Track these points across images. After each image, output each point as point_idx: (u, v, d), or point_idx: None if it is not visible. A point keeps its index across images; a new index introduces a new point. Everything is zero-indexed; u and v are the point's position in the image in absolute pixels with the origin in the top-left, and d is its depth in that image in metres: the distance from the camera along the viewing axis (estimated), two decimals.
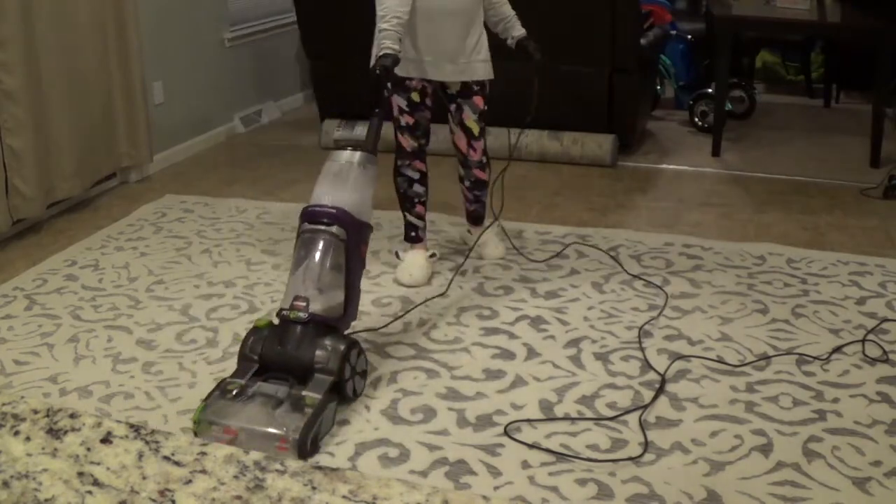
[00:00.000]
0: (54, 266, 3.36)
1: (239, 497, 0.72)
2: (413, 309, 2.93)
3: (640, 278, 3.13)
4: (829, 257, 3.30)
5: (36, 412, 0.84)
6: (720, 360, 2.58)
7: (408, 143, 3.12)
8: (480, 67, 3.02)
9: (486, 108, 3.10)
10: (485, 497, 0.70)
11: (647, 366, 2.56)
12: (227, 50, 5.16)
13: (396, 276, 3.16)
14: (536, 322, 2.84)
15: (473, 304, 2.98)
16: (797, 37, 5.82)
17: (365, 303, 2.99)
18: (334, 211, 2.42)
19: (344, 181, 2.48)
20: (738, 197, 4.02)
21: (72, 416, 0.83)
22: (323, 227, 2.41)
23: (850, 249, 3.39)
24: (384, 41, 2.73)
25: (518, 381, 2.49)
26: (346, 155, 2.52)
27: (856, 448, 2.16)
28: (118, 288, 3.17)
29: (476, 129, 3.10)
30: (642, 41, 4.51)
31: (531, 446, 2.19)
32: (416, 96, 3.04)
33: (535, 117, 3.18)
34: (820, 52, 6.05)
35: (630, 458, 2.13)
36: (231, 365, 2.60)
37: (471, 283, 3.13)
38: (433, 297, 3.00)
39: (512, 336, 2.75)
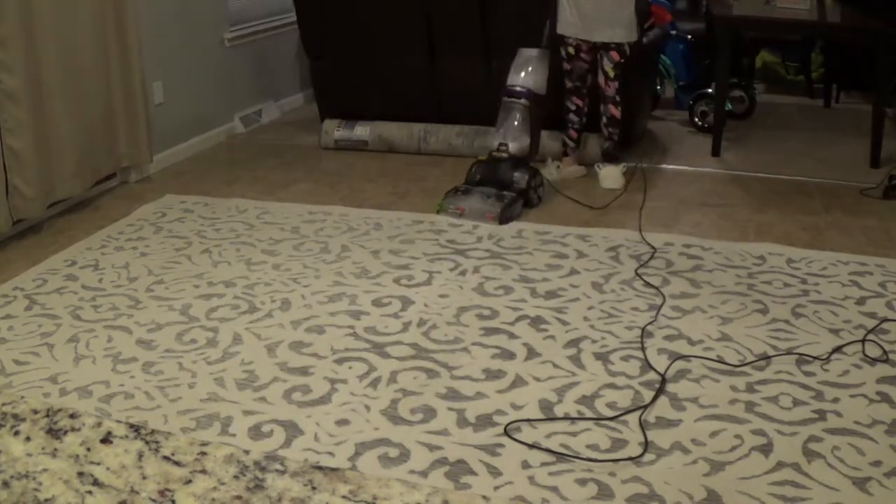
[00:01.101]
0: (54, 266, 3.36)
1: (239, 497, 0.72)
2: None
3: (641, 278, 3.14)
4: (829, 257, 3.30)
5: (36, 412, 0.84)
6: (720, 360, 2.58)
7: (567, 83, 4.18)
8: (616, 33, 3.98)
9: (622, 61, 4.02)
10: (485, 497, 0.70)
11: (647, 366, 2.56)
12: (227, 50, 5.16)
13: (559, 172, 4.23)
14: (536, 322, 2.84)
15: (473, 304, 2.98)
16: (797, 37, 5.82)
17: (365, 303, 3.00)
18: (521, 88, 3.91)
19: (527, 68, 3.92)
20: (738, 197, 4.02)
21: (72, 416, 0.83)
22: (515, 100, 3.91)
23: (850, 249, 3.39)
24: None
25: (518, 381, 2.50)
26: (529, 51, 3.95)
27: (856, 448, 2.16)
28: (118, 288, 3.17)
29: (612, 73, 4.04)
30: (642, 41, 4.50)
31: (531, 446, 2.19)
32: (571, 50, 4.09)
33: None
34: (820, 52, 6.05)
35: (630, 458, 2.13)
36: (231, 364, 2.61)
37: (471, 283, 3.13)
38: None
39: (512, 336, 2.76)
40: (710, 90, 4.99)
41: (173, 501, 0.62)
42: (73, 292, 3.13)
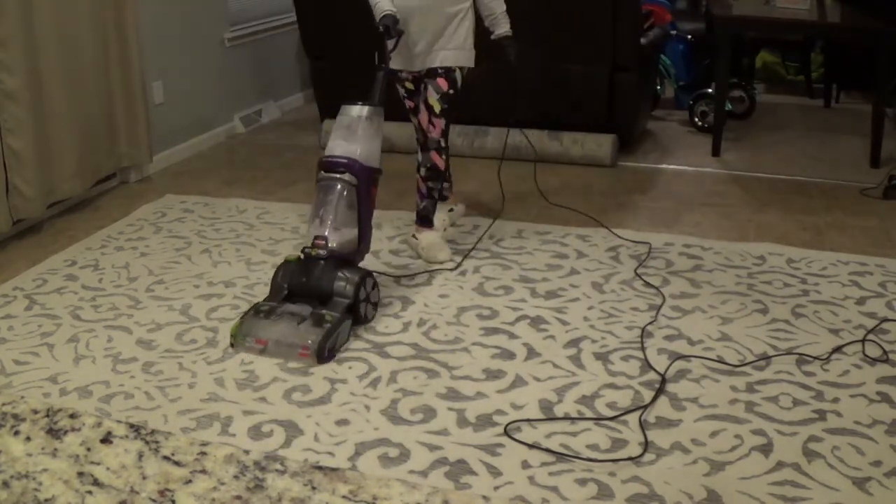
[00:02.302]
0: (54, 266, 3.36)
1: (239, 497, 0.72)
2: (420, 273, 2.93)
3: (640, 278, 3.14)
4: (829, 257, 3.30)
5: (36, 412, 0.84)
6: (720, 360, 2.58)
7: (414, 123, 3.44)
8: (442, 55, 3.23)
9: (451, 91, 3.24)
10: (485, 497, 0.70)
11: (647, 366, 2.56)
12: (227, 50, 5.16)
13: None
14: (536, 322, 2.84)
15: (473, 304, 2.98)
16: (797, 37, 5.82)
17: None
18: (346, 160, 2.84)
19: (353, 133, 2.89)
20: (738, 197, 4.02)
21: (72, 416, 0.83)
22: (337, 176, 2.84)
23: (850, 249, 3.39)
24: (381, 5, 3.10)
25: (518, 381, 2.49)
26: (355, 109, 2.94)
27: (856, 448, 2.16)
28: (118, 288, 3.17)
29: (438, 108, 3.25)
30: (642, 41, 4.51)
31: (531, 446, 2.19)
32: (409, 85, 3.37)
33: (520, 119, 3.57)
34: (820, 52, 6.05)
35: (630, 458, 2.13)
36: (231, 365, 2.61)
37: (471, 283, 3.13)
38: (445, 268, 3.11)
39: (512, 336, 2.75)
40: (710, 90, 4.99)
41: (173, 501, 0.61)
42: (73, 292, 3.13)
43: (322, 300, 2.73)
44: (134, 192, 4.27)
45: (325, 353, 2.60)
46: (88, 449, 0.66)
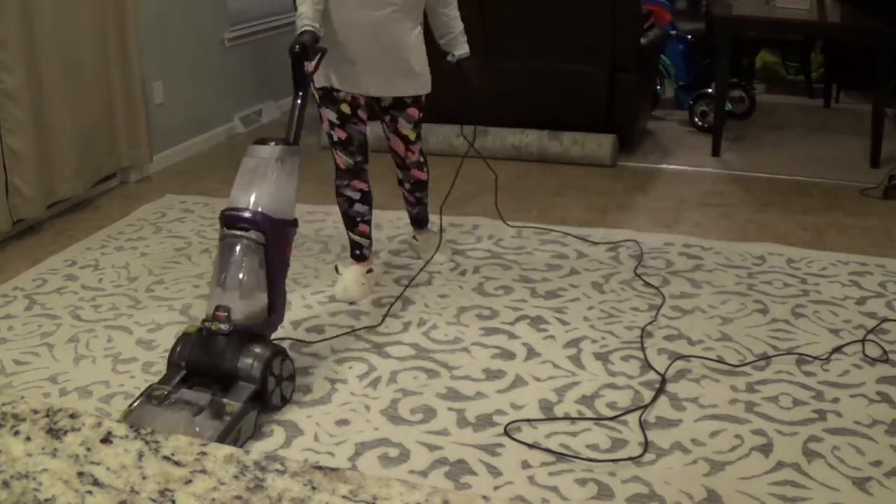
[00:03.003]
0: (54, 266, 3.36)
1: (239, 497, 0.72)
2: (340, 335, 2.75)
3: (640, 278, 3.13)
4: (829, 257, 3.30)
5: (36, 412, 0.84)
6: (720, 360, 2.58)
7: (342, 160, 2.93)
8: (410, 84, 2.87)
9: (422, 115, 2.99)
10: (485, 497, 0.70)
11: (647, 366, 2.56)
12: (227, 50, 5.16)
13: (335, 289, 3.05)
14: (536, 322, 2.84)
15: (473, 304, 2.98)
16: (797, 37, 5.82)
17: (366, 304, 2.99)
18: (250, 215, 2.34)
19: (261, 179, 2.40)
20: (738, 197, 4.02)
21: (72, 416, 0.83)
22: (240, 233, 2.32)
23: (850, 249, 3.39)
24: (302, 20, 2.63)
25: (518, 381, 2.49)
26: (264, 150, 2.45)
27: (856, 448, 2.16)
28: (118, 288, 3.17)
29: (412, 135, 3.00)
30: (642, 41, 4.51)
31: (531, 446, 2.19)
32: (345, 108, 2.87)
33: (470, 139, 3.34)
34: (820, 52, 6.05)
35: (630, 458, 2.13)
36: None
37: (471, 283, 3.13)
38: (368, 327, 2.80)
39: (512, 336, 2.75)
40: (710, 90, 4.99)
41: (173, 501, 0.62)
42: (73, 292, 3.13)
43: (224, 384, 2.26)
44: (134, 192, 4.27)
45: None
46: (88, 449, 0.66)
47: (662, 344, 2.69)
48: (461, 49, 2.98)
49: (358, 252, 3.09)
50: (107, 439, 0.81)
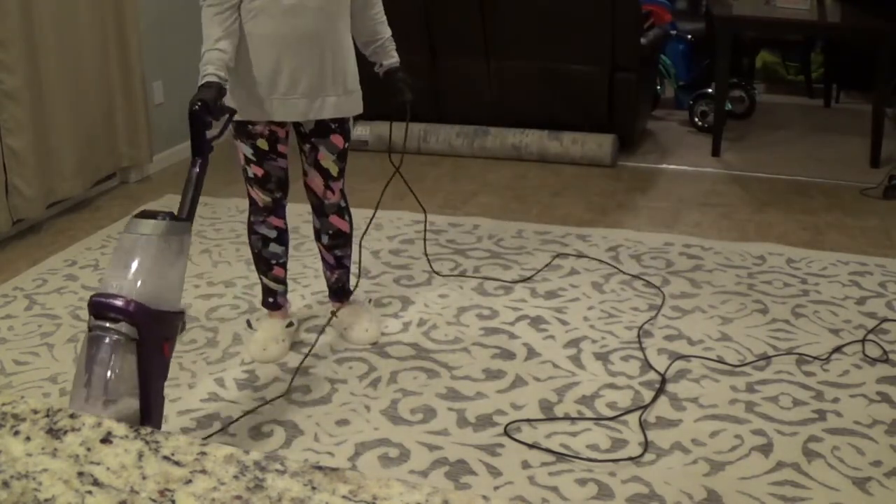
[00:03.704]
0: (54, 266, 3.36)
1: (239, 497, 0.72)
2: (232, 423, 2.33)
3: (640, 278, 3.14)
4: (829, 257, 3.30)
5: (36, 412, 0.84)
6: (720, 360, 2.58)
7: (259, 196, 2.63)
8: (341, 102, 2.50)
9: (347, 146, 2.59)
10: (485, 497, 0.70)
11: (647, 366, 2.56)
12: None
13: (249, 349, 2.67)
14: (536, 322, 2.84)
15: (473, 304, 2.98)
16: (797, 37, 5.82)
17: (365, 303, 2.99)
18: (122, 304, 1.87)
19: (140, 260, 1.94)
20: (738, 197, 4.02)
21: (72, 416, 0.83)
22: (109, 325, 1.87)
23: (850, 249, 3.39)
24: (205, 67, 2.34)
25: (518, 381, 2.49)
26: (146, 225, 1.98)
27: (856, 448, 2.16)
28: None
29: (335, 170, 2.59)
30: (642, 41, 4.51)
31: (531, 446, 2.19)
32: (262, 144, 2.54)
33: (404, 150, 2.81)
34: (820, 52, 6.05)
35: (630, 458, 2.13)
36: (231, 365, 2.61)
37: (471, 283, 3.13)
38: (275, 398, 2.42)
39: (512, 336, 2.75)
40: (710, 90, 4.99)
41: (173, 501, 0.62)
42: (73, 292, 3.13)
43: None
44: (134, 192, 4.26)
45: None
46: (88, 449, 0.66)
47: (662, 344, 2.69)
48: (391, 58, 2.65)
49: (272, 300, 2.73)
50: (107, 439, 0.80)
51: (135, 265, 1.93)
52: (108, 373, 1.86)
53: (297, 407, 2.38)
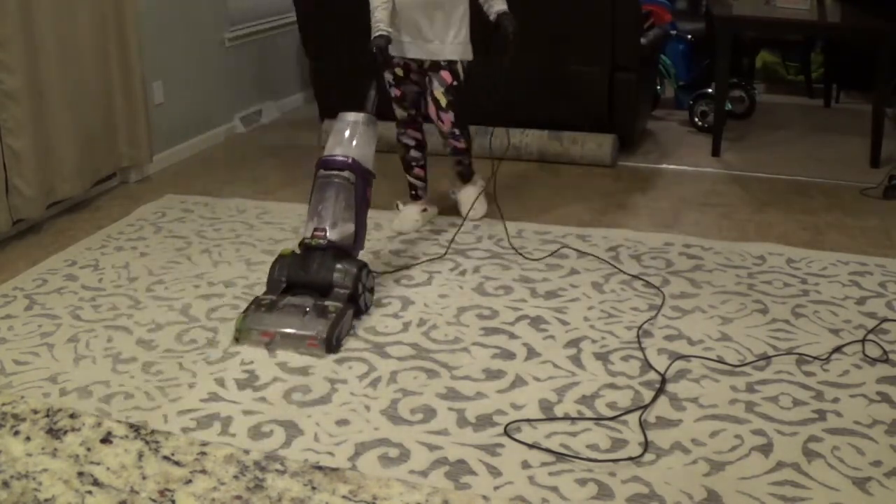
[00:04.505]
0: (54, 266, 3.36)
1: (239, 497, 0.72)
2: (416, 264, 3.16)
3: (640, 278, 3.14)
4: (829, 257, 3.30)
5: (36, 412, 0.84)
6: (720, 360, 2.58)
7: (399, 112, 3.56)
8: (449, 49, 3.38)
9: (455, 83, 3.42)
10: (485, 497, 0.70)
11: (647, 366, 2.56)
12: (227, 50, 5.16)
13: (394, 223, 3.65)
14: (536, 322, 2.84)
15: (473, 304, 2.98)
16: (797, 37, 5.82)
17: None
18: (344, 160, 2.96)
19: (351, 137, 3.04)
20: (738, 197, 4.02)
21: (72, 416, 0.83)
22: (336, 173, 2.94)
23: (850, 249, 3.39)
24: (377, 24, 3.28)
25: (518, 381, 2.49)
26: (352, 116, 3.09)
27: (856, 448, 2.16)
28: (118, 288, 3.17)
29: (443, 101, 3.43)
30: (642, 41, 4.51)
31: (531, 446, 2.19)
32: (399, 72, 3.47)
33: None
34: (820, 52, 6.05)
35: (630, 458, 2.13)
36: (231, 365, 2.61)
37: (471, 283, 3.13)
38: (432, 258, 3.33)
39: (512, 336, 2.75)
40: (710, 90, 4.99)
41: (173, 501, 0.61)
42: (73, 292, 3.13)
43: (322, 292, 2.78)
44: (134, 192, 4.27)
45: (333, 342, 2.66)
46: (88, 449, 0.65)
47: (662, 344, 2.69)
48: (499, 6, 3.39)
49: (413, 192, 3.72)
50: (107, 439, 0.81)
51: (350, 140, 3.03)
52: (336, 203, 2.90)
53: (297, 407, 2.38)
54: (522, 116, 4.58)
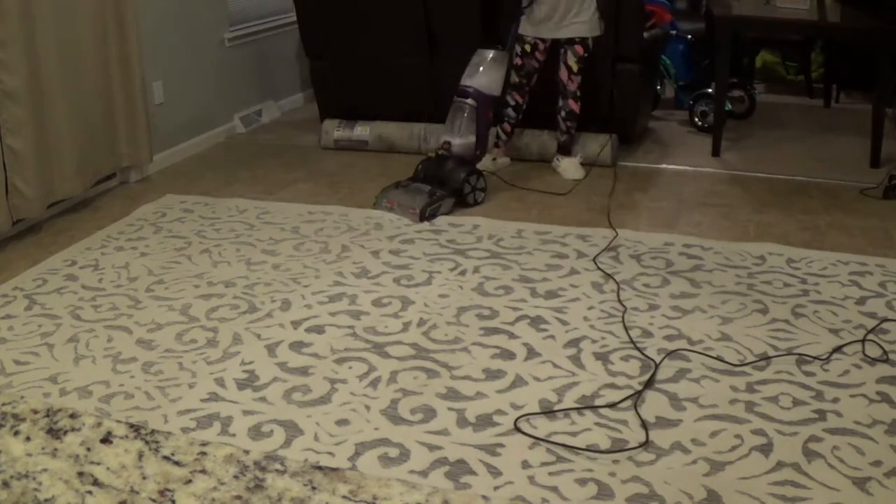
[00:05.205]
0: (54, 266, 3.36)
1: (239, 497, 0.72)
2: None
3: (599, 268, 3.14)
4: (829, 257, 3.30)
5: (36, 412, 0.84)
6: (720, 360, 2.58)
7: (513, 77, 4.24)
8: (576, 27, 4.09)
9: (586, 55, 4.14)
10: (485, 497, 0.70)
11: (646, 366, 2.56)
12: (227, 50, 5.16)
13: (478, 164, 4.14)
14: (536, 322, 2.84)
15: (473, 304, 2.98)
16: (797, 37, 5.82)
17: (365, 303, 3.00)
18: (471, 89, 3.98)
19: (481, 69, 3.99)
20: (738, 197, 4.02)
21: (72, 416, 0.83)
22: (462, 99, 3.98)
23: (850, 249, 3.39)
24: None
25: (518, 381, 2.50)
26: (486, 52, 4.02)
27: (856, 448, 2.16)
28: (118, 288, 3.17)
29: (575, 67, 4.15)
30: (644, 35, 4.51)
31: (541, 440, 2.18)
32: (528, 48, 4.18)
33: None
34: (820, 52, 6.05)
35: (639, 446, 2.13)
36: (231, 365, 2.61)
37: (471, 283, 3.13)
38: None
39: (512, 336, 2.76)
40: (710, 90, 4.99)
41: (173, 501, 0.61)
42: (73, 292, 3.13)
43: (441, 184, 3.83)
44: (134, 192, 4.27)
45: (425, 214, 3.69)
46: (88, 449, 0.65)
47: (662, 344, 2.69)
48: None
49: (496, 140, 4.40)
50: (107, 439, 0.81)
51: (478, 72, 4.00)
52: (462, 122, 3.98)
53: (297, 407, 2.38)
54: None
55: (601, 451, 2.17)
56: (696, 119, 5.10)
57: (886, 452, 2.14)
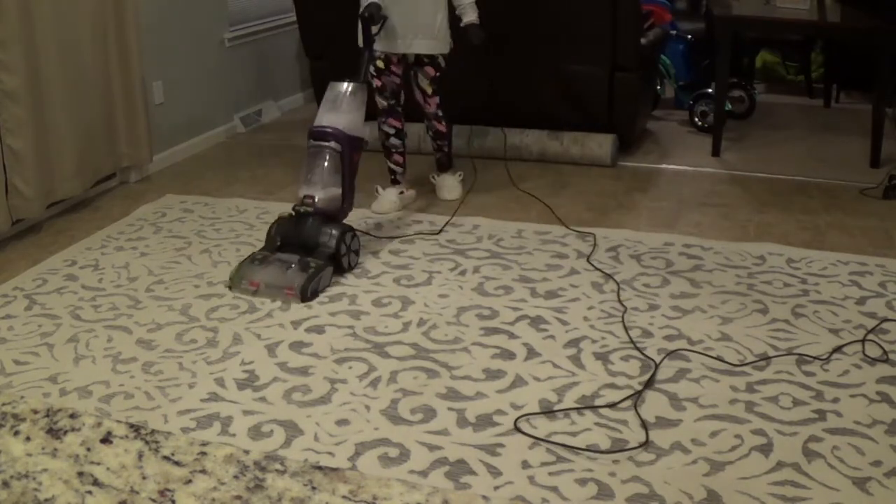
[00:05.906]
0: (54, 266, 3.36)
1: (239, 497, 0.72)
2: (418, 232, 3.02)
3: (594, 266, 3.14)
4: (829, 257, 3.30)
5: (36, 412, 0.84)
6: (720, 360, 2.58)
7: (380, 102, 3.81)
8: (426, 44, 3.67)
9: (437, 75, 3.77)
10: (485, 497, 0.70)
11: (646, 366, 2.56)
12: (227, 50, 5.16)
13: (373, 205, 3.86)
14: (536, 322, 2.84)
15: (473, 304, 2.98)
16: (797, 37, 5.82)
17: (365, 303, 3.00)
18: (331, 130, 3.24)
19: (339, 106, 3.30)
20: (738, 197, 4.02)
21: (72, 416, 0.83)
22: (324, 143, 3.23)
23: (850, 249, 3.39)
24: None
25: (518, 381, 2.50)
26: (342, 86, 3.33)
27: (856, 448, 2.16)
28: (118, 288, 3.17)
29: (429, 89, 3.80)
30: (642, 41, 4.51)
31: (541, 440, 2.18)
32: (380, 64, 3.71)
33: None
34: (820, 52, 6.05)
35: (636, 447, 2.13)
36: (231, 364, 2.61)
37: (471, 283, 3.13)
38: (426, 233, 3.35)
39: (512, 336, 2.75)
40: (710, 90, 4.99)
41: (173, 501, 0.61)
42: (73, 292, 3.13)
43: (309, 250, 3.11)
44: (134, 192, 4.27)
45: (307, 293, 2.98)
46: (88, 449, 0.65)
47: (662, 344, 2.69)
48: (468, 17, 3.70)
49: (392, 177, 3.94)
50: (107, 439, 0.81)
51: (338, 109, 3.29)
52: (323, 171, 3.21)
53: (297, 407, 2.38)
54: (522, 116, 4.58)
55: (601, 451, 2.17)
56: (696, 119, 5.10)
57: (886, 452, 2.14)
